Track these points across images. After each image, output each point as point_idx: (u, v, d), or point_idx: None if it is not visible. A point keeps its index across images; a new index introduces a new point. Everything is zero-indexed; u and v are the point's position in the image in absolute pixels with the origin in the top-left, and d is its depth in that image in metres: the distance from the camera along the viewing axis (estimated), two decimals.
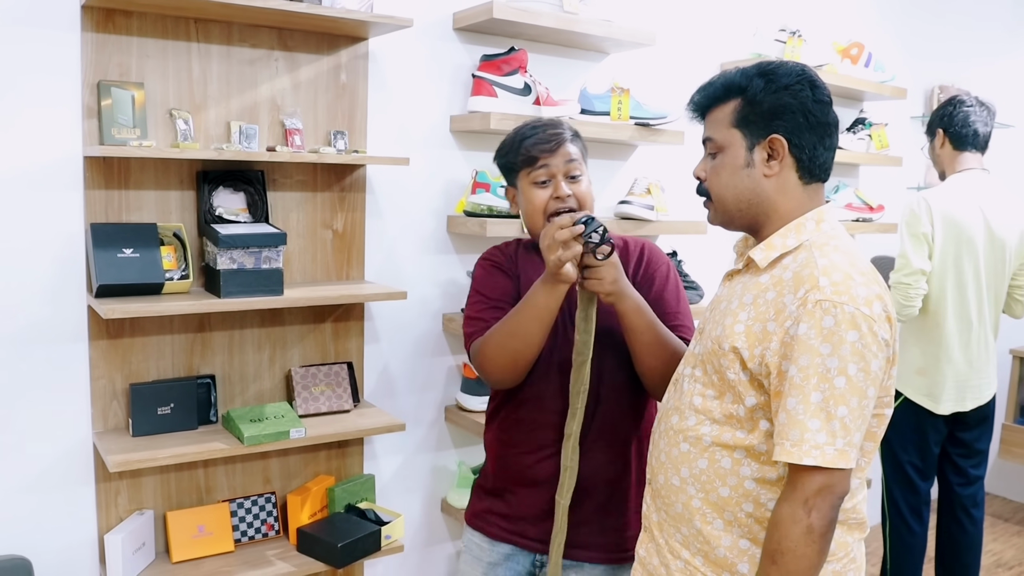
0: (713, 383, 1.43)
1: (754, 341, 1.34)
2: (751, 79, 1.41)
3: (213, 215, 2.14)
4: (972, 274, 2.79)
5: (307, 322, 2.36)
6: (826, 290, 1.28)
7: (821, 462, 1.26)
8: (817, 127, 1.41)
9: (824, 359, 1.26)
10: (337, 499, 2.38)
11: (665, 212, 2.79)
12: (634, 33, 2.65)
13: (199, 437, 2.11)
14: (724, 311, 1.44)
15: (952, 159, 2.93)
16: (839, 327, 1.27)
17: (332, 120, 2.33)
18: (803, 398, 1.27)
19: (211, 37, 2.14)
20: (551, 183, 1.74)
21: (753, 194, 1.42)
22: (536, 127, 1.77)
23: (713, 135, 1.46)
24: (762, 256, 1.41)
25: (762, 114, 1.40)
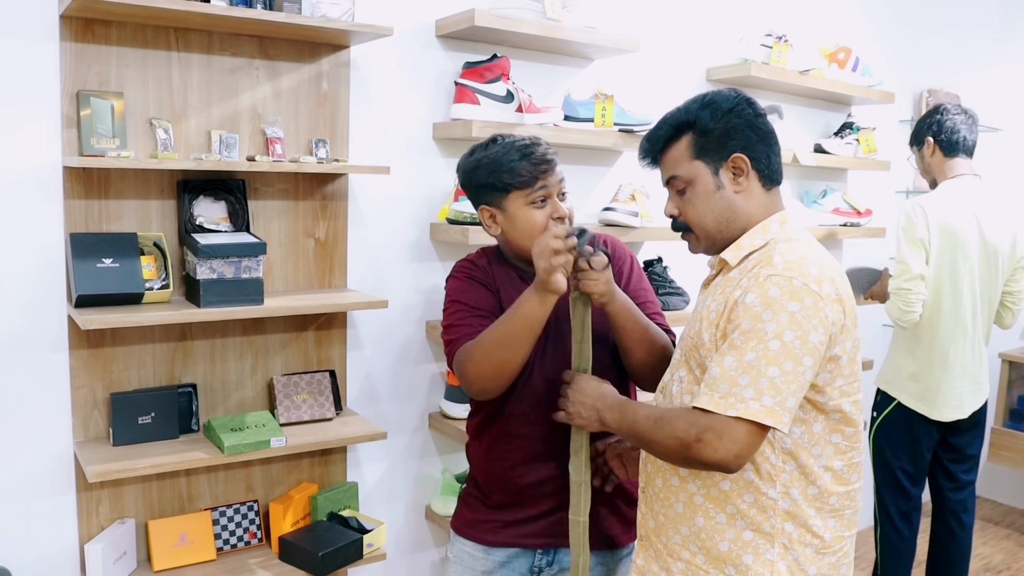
0: (697, 379, 1.48)
1: (721, 320, 1.42)
2: (695, 112, 1.51)
3: (194, 224, 2.14)
4: (967, 280, 2.79)
5: (289, 330, 2.37)
6: (778, 266, 1.38)
7: (744, 414, 1.31)
8: (765, 137, 1.52)
9: (764, 324, 1.34)
10: (320, 507, 2.38)
11: (650, 218, 2.79)
12: (618, 40, 2.64)
13: (180, 446, 2.11)
14: (700, 311, 1.51)
15: (943, 166, 2.93)
16: (782, 297, 1.35)
17: (314, 128, 2.33)
18: (738, 358, 1.34)
19: (191, 46, 2.14)
20: (548, 203, 1.75)
21: (730, 211, 1.51)
22: (524, 147, 1.74)
23: (677, 172, 1.53)
24: (733, 255, 1.50)
25: (717, 139, 1.50)
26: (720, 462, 1.33)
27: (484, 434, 1.88)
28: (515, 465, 1.82)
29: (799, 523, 1.44)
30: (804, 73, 3.24)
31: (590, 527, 1.75)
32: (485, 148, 1.78)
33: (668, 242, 3.00)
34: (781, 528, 1.43)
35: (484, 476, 1.89)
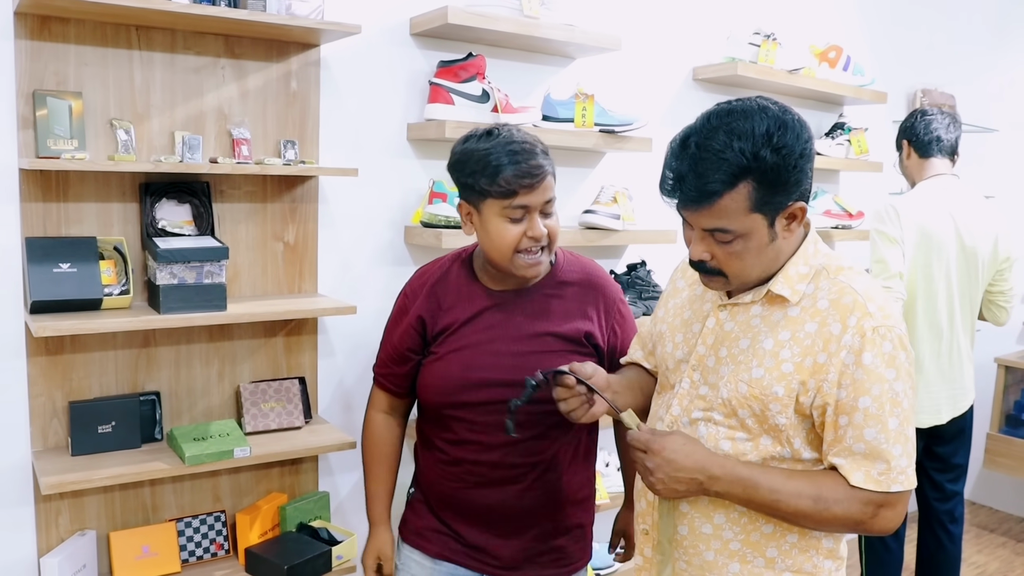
0: (745, 427, 1.37)
1: (807, 376, 1.31)
2: (765, 157, 1.23)
3: (155, 228, 2.08)
4: (943, 282, 2.73)
5: (258, 336, 2.30)
6: (877, 316, 1.30)
7: (907, 486, 1.30)
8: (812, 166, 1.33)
9: (891, 384, 1.28)
10: (289, 517, 2.32)
11: (632, 221, 2.73)
12: (598, 38, 2.58)
13: (141, 456, 2.05)
14: (750, 351, 1.36)
15: (919, 167, 2.89)
16: (896, 351, 1.29)
17: (282, 129, 2.26)
18: (882, 427, 1.28)
19: (153, 44, 2.08)
20: (525, 219, 1.64)
21: (776, 260, 1.36)
22: (515, 152, 1.60)
23: (729, 226, 1.28)
24: (790, 290, 1.35)
25: (783, 189, 1.27)
26: (891, 530, 1.34)
27: (433, 448, 1.82)
28: (465, 488, 1.76)
29: (836, 557, 1.43)
30: (793, 72, 3.17)
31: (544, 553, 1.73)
32: (479, 140, 1.66)
33: (652, 245, 2.94)
34: (821, 566, 1.40)
35: (429, 488, 1.84)
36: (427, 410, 1.82)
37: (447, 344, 1.75)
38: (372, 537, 1.91)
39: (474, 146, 1.65)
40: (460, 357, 1.73)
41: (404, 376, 1.83)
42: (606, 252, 2.92)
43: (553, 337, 1.74)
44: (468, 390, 1.71)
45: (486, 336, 1.73)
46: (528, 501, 1.76)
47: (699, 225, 1.32)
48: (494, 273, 1.75)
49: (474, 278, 1.78)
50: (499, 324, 1.73)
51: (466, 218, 1.72)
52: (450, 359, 1.74)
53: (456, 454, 1.76)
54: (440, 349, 1.76)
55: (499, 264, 1.68)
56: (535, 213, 1.63)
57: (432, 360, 1.78)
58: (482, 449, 1.72)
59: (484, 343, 1.72)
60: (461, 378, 1.72)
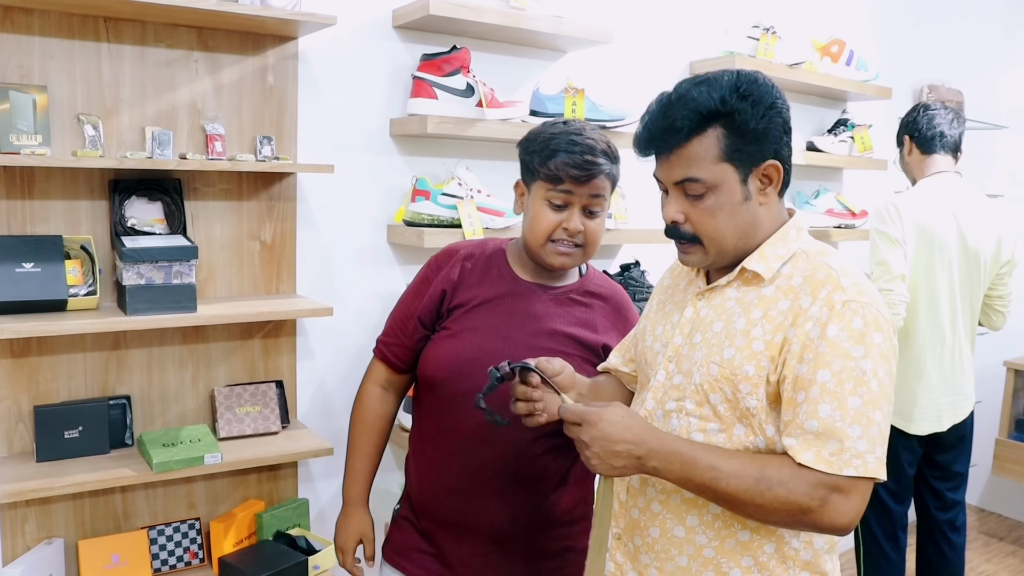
0: (718, 414, 1.29)
1: (775, 353, 1.24)
2: (732, 103, 1.23)
3: (124, 227, 2.01)
4: (946, 283, 2.63)
5: (234, 338, 2.23)
6: (850, 291, 1.22)
7: (863, 472, 1.17)
8: (790, 137, 1.32)
9: (858, 362, 1.18)
10: (266, 525, 2.25)
11: (624, 220, 2.65)
12: (588, 30, 2.50)
13: (109, 462, 1.98)
14: (723, 333, 1.30)
15: (921, 164, 2.79)
16: (867, 329, 1.20)
17: (258, 125, 2.19)
18: (839, 404, 1.17)
19: (123, 37, 2.01)
20: (566, 210, 1.61)
21: (751, 227, 1.30)
22: (574, 142, 1.58)
23: (697, 174, 1.26)
24: (764, 267, 1.29)
25: (753, 141, 1.26)
26: (844, 527, 1.19)
27: (424, 450, 1.74)
28: (450, 490, 1.68)
29: (815, 571, 1.31)
30: (794, 67, 3.08)
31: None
32: (551, 126, 1.66)
33: (645, 245, 2.85)
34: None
35: (418, 495, 1.75)
36: (425, 391, 1.73)
37: (462, 321, 1.68)
38: (349, 517, 1.81)
39: (545, 129, 1.66)
40: (474, 337, 1.66)
41: (410, 350, 1.76)
42: (599, 252, 2.83)
43: (571, 340, 1.68)
44: (473, 373, 1.60)
45: (503, 321, 1.67)
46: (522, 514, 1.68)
47: (670, 179, 1.30)
48: (527, 262, 1.71)
49: (506, 262, 1.73)
50: (519, 313, 1.68)
51: (519, 197, 1.72)
52: (463, 337, 1.67)
53: (447, 447, 1.68)
54: (454, 326, 1.69)
55: (532, 248, 1.66)
56: (576, 207, 1.61)
57: (444, 336, 1.70)
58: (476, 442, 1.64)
59: (500, 327, 1.66)
60: (471, 358, 1.63)
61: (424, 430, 1.75)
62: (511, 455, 1.64)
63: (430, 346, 1.72)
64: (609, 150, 1.63)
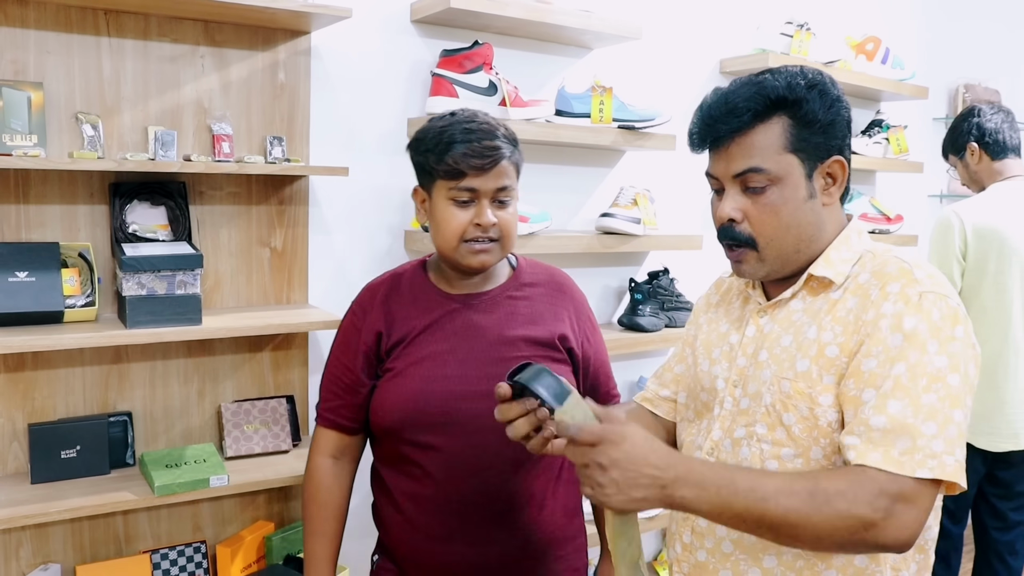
0: (793, 437, 1.15)
1: (850, 357, 1.12)
2: (801, 91, 1.16)
3: (125, 233, 1.89)
4: (1018, 292, 2.49)
5: (242, 351, 2.10)
6: (925, 283, 1.12)
7: (940, 474, 1.03)
8: (851, 138, 1.24)
9: (933, 357, 1.07)
10: (275, 549, 2.12)
11: (654, 226, 2.51)
12: (617, 26, 2.36)
13: (108, 484, 1.86)
14: (793, 346, 1.18)
15: (991, 170, 2.65)
16: (946, 321, 1.09)
17: (268, 125, 2.06)
18: (912, 400, 1.05)
19: (125, 31, 1.88)
20: (474, 204, 1.46)
21: (814, 228, 1.20)
22: (469, 130, 1.45)
23: (761, 164, 1.16)
24: (834, 271, 1.18)
25: (820, 133, 1.17)
26: (907, 542, 1.03)
27: (396, 500, 1.55)
28: (436, 538, 1.52)
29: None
30: (828, 65, 2.94)
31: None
32: (439, 120, 1.51)
33: (675, 252, 2.71)
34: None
35: (398, 546, 1.57)
36: (385, 443, 1.57)
37: (404, 357, 1.52)
38: None
39: (433, 124, 1.51)
40: (421, 370, 1.50)
41: (358, 407, 1.57)
42: (625, 259, 2.70)
43: (525, 341, 1.53)
44: (432, 406, 1.48)
45: (448, 345, 1.51)
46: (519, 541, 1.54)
47: (730, 171, 1.19)
48: (450, 275, 1.57)
49: (429, 283, 1.58)
50: (462, 330, 1.52)
51: (420, 206, 1.56)
52: (410, 373, 1.51)
53: (427, 492, 1.51)
54: (397, 364, 1.53)
55: (446, 254, 1.51)
56: (484, 200, 1.46)
57: (389, 378, 1.53)
58: (451, 481, 1.49)
59: (447, 352, 1.51)
60: (424, 392, 1.49)
61: (391, 478, 1.57)
62: (498, 482, 1.50)
63: (377, 393, 1.55)
64: (508, 132, 1.49)
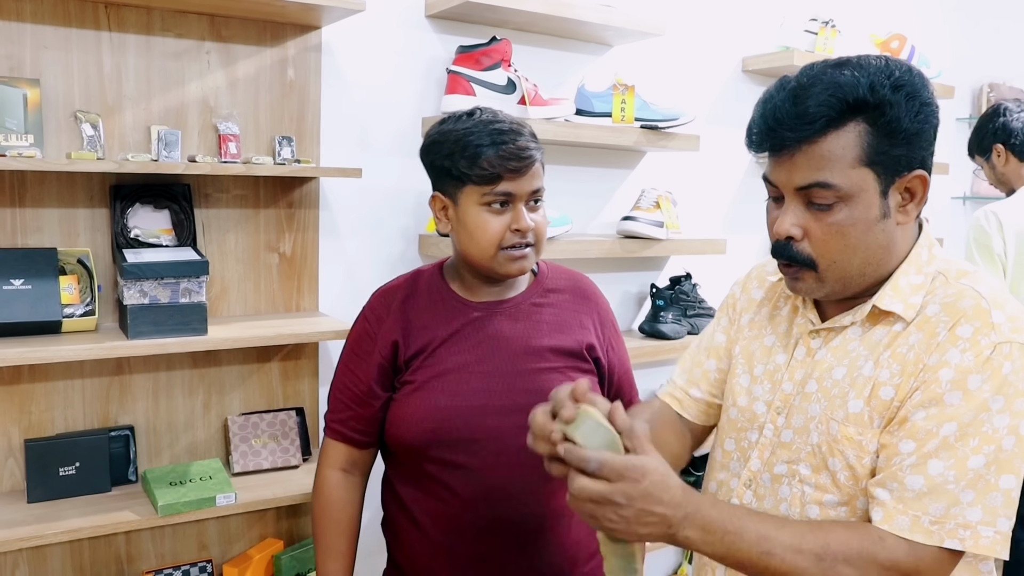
0: (837, 484, 1.05)
1: (902, 399, 1.02)
2: (883, 93, 0.99)
3: (127, 237, 1.79)
4: None
5: (249, 361, 2.01)
6: (1003, 329, 0.99)
7: (971, 547, 0.95)
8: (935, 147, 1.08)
9: (992, 415, 0.96)
10: (284, 568, 2.02)
11: (677, 229, 2.41)
12: (639, 22, 2.27)
13: (109, 503, 1.76)
14: (846, 381, 1.06)
15: (1020, 171, 2.58)
16: (1018, 375, 0.98)
17: (277, 124, 1.97)
18: (957, 461, 0.96)
19: (126, 25, 1.79)
20: (509, 209, 1.37)
21: (884, 251, 1.06)
22: (499, 131, 1.36)
23: (831, 179, 1.01)
24: (903, 305, 1.06)
25: (903, 144, 1.01)
26: None
27: (416, 518, 1.45)
28: (460, 562, 1.42)
29: None
30: None
31: None
32: (456, 121, 1.41)
33: (698, 256, 2.61)
34: None
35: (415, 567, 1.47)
36: (404, 458, 1.47)
37: (425, 369, 1.43)
38: None
39: (451, 127, 1.41)
40: (444, 383, 1.41)
41: (369, 420, 1.48)
42: (647, 264, 2.60)
43: (552, 351, 1.45)
44: (458, 422, 1.39)
45: (473, 356, 1.43)
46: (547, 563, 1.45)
47: (792, 182, 1.04)
48: (472, 282, 1.48)
49: (449, 289, 1.48)
50: (487, 340, 1.43)
51: (440, 213, 1.45)
52: (432, 387, 1.42)
53: (451, 512, 1.42)
54: (417, 377, 1.44)
55: (480, 263, 1.42)
56: (520, 203, 1.39)
57: (409, 391, 1.44)
58: (478, 502, 1.40)
59: (472, 364, 1.42)
60: (449, 407, 1.40)
61: (409, 495, 1.47)
62: (526, 502, 1.41)
63: (396, 407, 1.46)
64: (530, 130, 1.42)
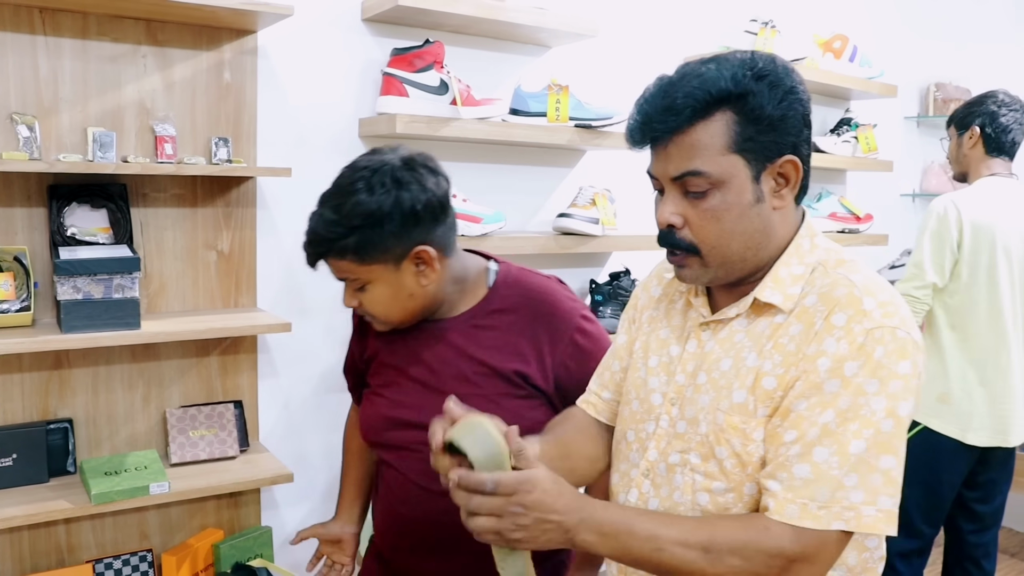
0: (725, 472, 1.09)
1: (785, 388, 1.06)
2: (747, 84, 1.05)
3: (64, 236, 1.85)
4: (1008, 286, 2.45)
5: (188, 356, 2.07)
6: (875, 315, 1.03)
7: (856, 527, 1.00)
8: (810, 132, 1.12)
9: (869, 398, 1.00)
10: (224, 557, 2.07)
11: (613, 226, 2.48)
12: (573, 23, 2.33)
13: (46, 493, 1.82)
14: (732, 372, 1.11)
15: (981, 162, 2.60)
16: (891, 358, 1.01)
17: (214, 125, 2.03)
18: (839, 448, 1.00)
19: (62, 29, 1.85)
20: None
21: (762, 235, 1.10)
22: (311, 217, 1.46)
23: (703, 167, 1.06)
24: (782, 296, 1.10)
25: (769, 130, 1.06)
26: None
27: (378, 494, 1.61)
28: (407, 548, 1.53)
29: None
30: (794, 63, 2.90)
31: None
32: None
33: (636, 252, 2.68)
34: None
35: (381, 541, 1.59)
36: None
37: (375, 377, 1.58)
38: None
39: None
40: (388, 393, 1.54)
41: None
42: (585, 260, 2.67)
43: (484, 375, 1.46)
44: (393, 434, 1.51)
45: (409, 373, 1.52)
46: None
47: (668, 173, 1.09)
48: None
49: None
50: (425, 359, 1.50)
51: None
52: (381, 394, 1.56)
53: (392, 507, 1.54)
54: (372, 381, 1.59)
55: None
56: (345, 283, 1.48)
57: (367, 393, 1.61)
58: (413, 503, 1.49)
59: (407, 381, 1.52)
60: (387, 419, 1.52)
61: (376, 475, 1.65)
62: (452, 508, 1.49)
63: (363, 403, 1.63)
64: (338, 221, 1.41)
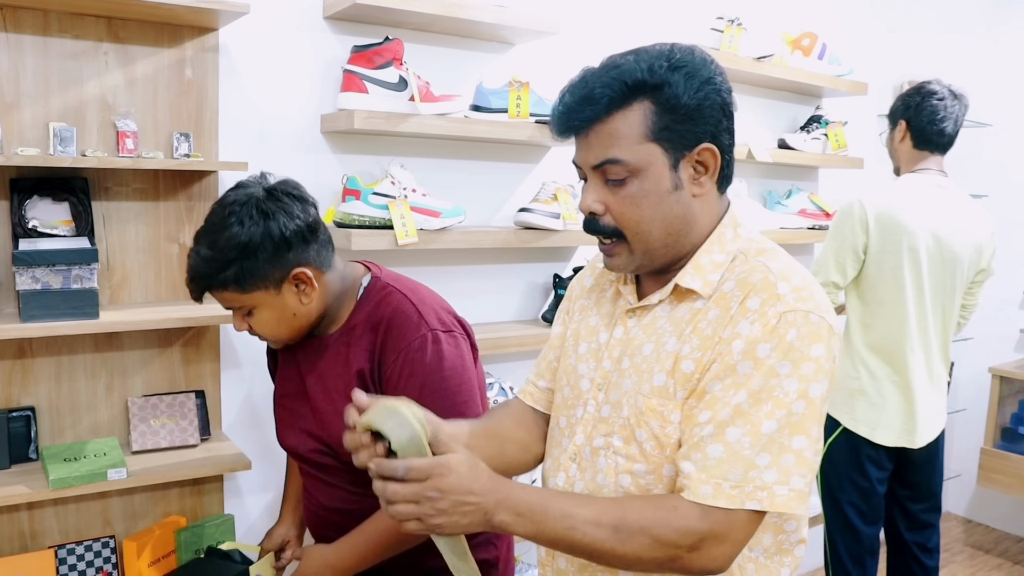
0: (645, 454, 1.13)
1: (702, 371, 1.10)
2: (663, 75, 1.09)
3: (25, 228, 1.90)
4: (914, 287, 2.44)
5: (151, 346, 2.11)
6: (788, 299, 1.07)
7: (768, 506, 1.03)
8: (732, 123, 1.16)
9: (782, 380, 1.04)
10: (184, 544, 2.12)
11: (575, 221, 2.52)
12: (534, 20, 2.37)
13: (4, 479, 1.87)
14: (653, 356, 1.15)
15: (911, 157, 2.56)
16: (803, 341, 1.05)
17: (176, 121, 2.07)
18: (751, 428, 1.04)
19: (23, 26, 1.89)
20: None
21: (683, 222, 1.15)
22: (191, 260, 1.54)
23: (620, 155, 1.10)
24: (702, 281, 1.14)
25: (685, 119, 1.10)
26: (718, 570, 1.05)
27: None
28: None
29: None
30: (761, 60, 2.95)
31: None
32: None
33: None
34: None
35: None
36: None
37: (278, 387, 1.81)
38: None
39: None
40: (286, 403, 1.75)
41: None
42: (549, 254, 2.71)
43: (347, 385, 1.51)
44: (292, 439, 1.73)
45: (290, 387, 1.72)
46: None
47: (588, 161, 1.14)
48: None
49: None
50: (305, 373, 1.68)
51: None
52: (281, 404, 1.78)
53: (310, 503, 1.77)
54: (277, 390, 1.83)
55: None
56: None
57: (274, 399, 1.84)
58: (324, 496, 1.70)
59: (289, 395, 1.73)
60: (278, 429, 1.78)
61: None
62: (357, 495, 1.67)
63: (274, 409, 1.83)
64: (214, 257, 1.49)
